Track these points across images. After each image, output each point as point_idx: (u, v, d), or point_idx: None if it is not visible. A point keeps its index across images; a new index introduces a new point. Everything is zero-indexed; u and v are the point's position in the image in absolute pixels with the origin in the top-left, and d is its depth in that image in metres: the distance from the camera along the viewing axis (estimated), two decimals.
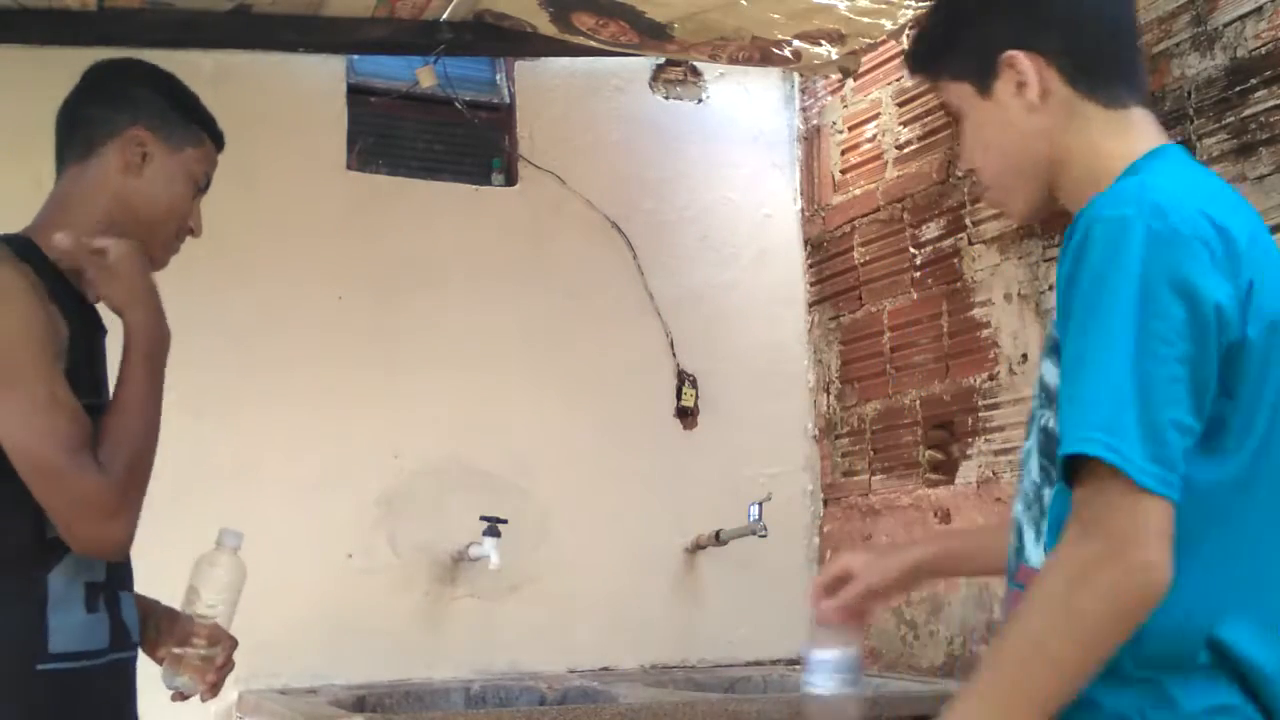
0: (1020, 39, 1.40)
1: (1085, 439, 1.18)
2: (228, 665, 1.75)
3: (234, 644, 1.77)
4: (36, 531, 1.58)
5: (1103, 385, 1.19)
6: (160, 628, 1.78)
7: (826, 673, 1.57)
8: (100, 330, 1.75)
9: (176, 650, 1.72)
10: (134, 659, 1.74)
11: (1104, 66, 1.40)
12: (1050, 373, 1.37)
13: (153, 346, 1.66)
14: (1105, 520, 1.17)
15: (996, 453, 3.20)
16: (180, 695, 1.74)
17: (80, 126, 1.76)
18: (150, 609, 1.81)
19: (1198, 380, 1.21)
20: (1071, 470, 1.21)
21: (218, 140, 1.83)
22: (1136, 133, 1.40)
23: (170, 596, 1.83)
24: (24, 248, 1.66)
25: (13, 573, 1.57)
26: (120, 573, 1.71)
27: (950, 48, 1.47)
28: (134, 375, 1.63)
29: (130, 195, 1.73)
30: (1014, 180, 1.46)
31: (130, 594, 1.74)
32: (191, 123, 1.79)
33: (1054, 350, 1.34)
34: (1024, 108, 1.40)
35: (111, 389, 1.67)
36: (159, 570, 1.85)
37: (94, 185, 1.73)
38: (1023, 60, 1.39)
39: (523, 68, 3.78)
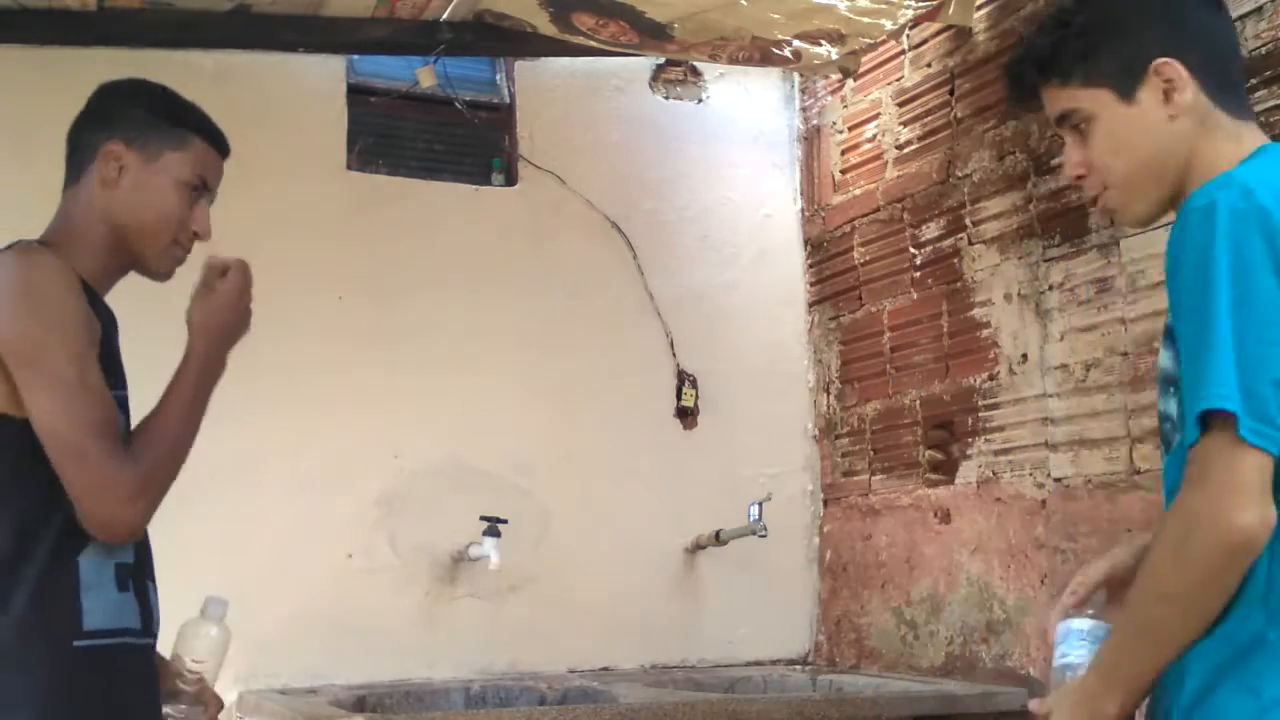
0: (1168, 49, 1.49)
1: (1212, 396, 1.31)
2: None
3: (220, 706, 1.84)
4: (68, 514, 1.62)
5: (1212, 357, 1.31)
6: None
7: (1079, 642, 1.59)
8: (115, 327, 1.80)
9: (167, 709, 1.77)
10: (155, 646, 1.79)
11: (1231, 79, 1.52)
12: (1165, 358, 1.48)
13: (206, 374, 1.76)
14: (1208, 473, 1.31)
15: (996, 453, 3.20)
16: None
17: (74, 152, 1.81)
18: None
19: None
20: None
21: (212, 139, 1.82)
22: (1252, 139, 1.50)
23: (170, 596, 1.84)
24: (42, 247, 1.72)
25: (47, 554, 1.62)
26: (147, 563, 1.77)
27: (1086, 54, 1.53)
28: (182, 390, 1.73)
29: (112, 208, 1.76)
30: (1145, 182, 1.53)
31: (155, 586, 1.79)
32: (174, 126, 1.78)
33: (1169, 337, 1.47)
34: (1165, 114, 1.49)
35: (131, 387, 1.75)
36: (158, 569, 1.85)
37: (84, 205, 1.77)
38: (1176, 68, 1.48)
39: (523, 68, 3.78)
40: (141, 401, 1.80)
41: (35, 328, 1.60)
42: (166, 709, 1.76)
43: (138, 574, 1.72)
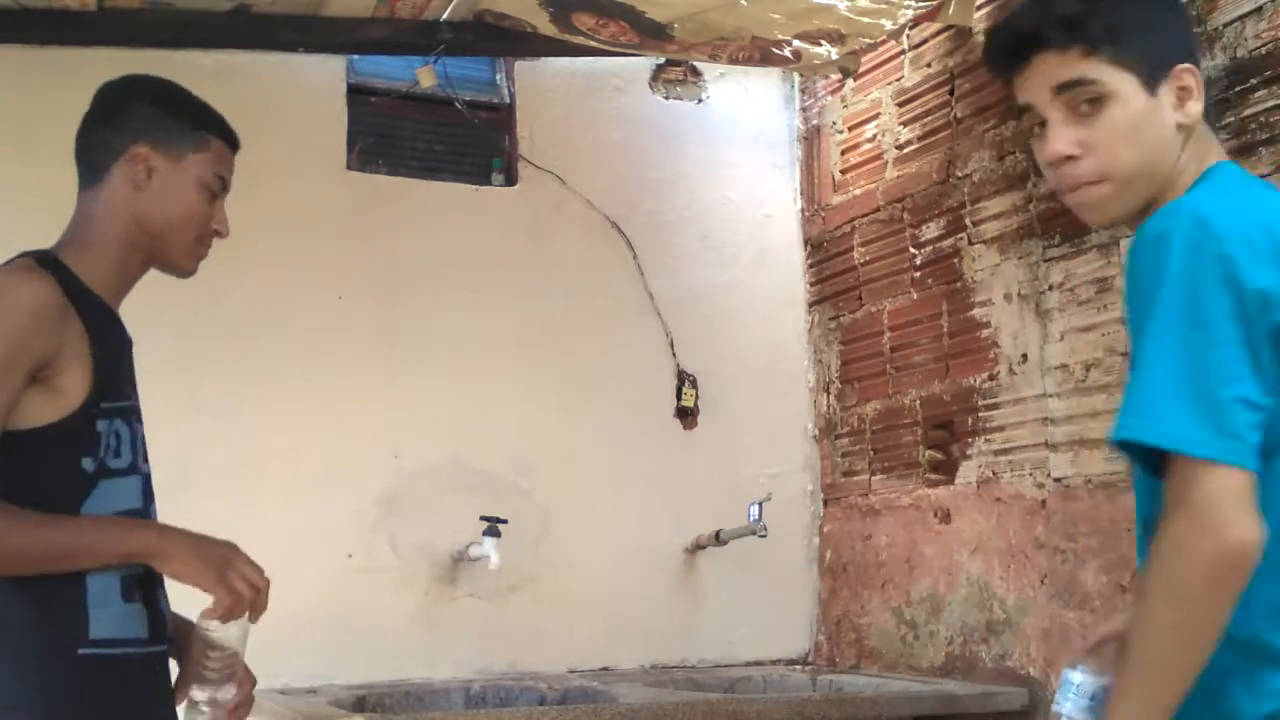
0: (1187, 56, 1.48)
1: (1126, 426, 1.31)
2: (245, 706, 1.79)
3: (254, 682, 1.83)
4: None
5: (1160, 378, 1.31)
6: (181, 656, 1.82)
7: (1071, 693, 1.60)
8: (127, 343, 1.82)
9: (195, 695, 1.75)
10: (168, 654, 1.80)
11: (1209, 93, 1.52)
12: None
13: (113, 556, 1.67)
14: (1186, 496, 1.29)
15: (996, 453, 3.20)
16: None
17: (89, 151, 1.82)
18: (180, 631, 1.85)
19: (1258, 359, 1.30)
20: (1162, 467, 1.33)
21: (227, 139, 1.85)
22: (1214, 152, 1.50)
23: (170, 593, 1.84)
24: (47, 260, 1.72)
25: None
26: (156, 572, 1.76)
27: (1125, 35, 1.46)
28: (77, 532, 1.65)
29: (142, 211, 1.78)
30: (1137, 181, 1.48)
31: (164, 590, 1.80)
32: (193, 128, 1.81)
33: None
34: (1175, 118, 1.47)
35: (137, 400, 1.76)
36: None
37: (107, 207, 1.78)
38: (1197, 77, 1.48)
39: (523, 68, 3.78)
40: (141, 404, 1.80)
41: None
42: (194, 690, 1.75)
43: (146, 583, 1.73)
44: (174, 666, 1.84)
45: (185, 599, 1.90)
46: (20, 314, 1.62)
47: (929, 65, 3.52)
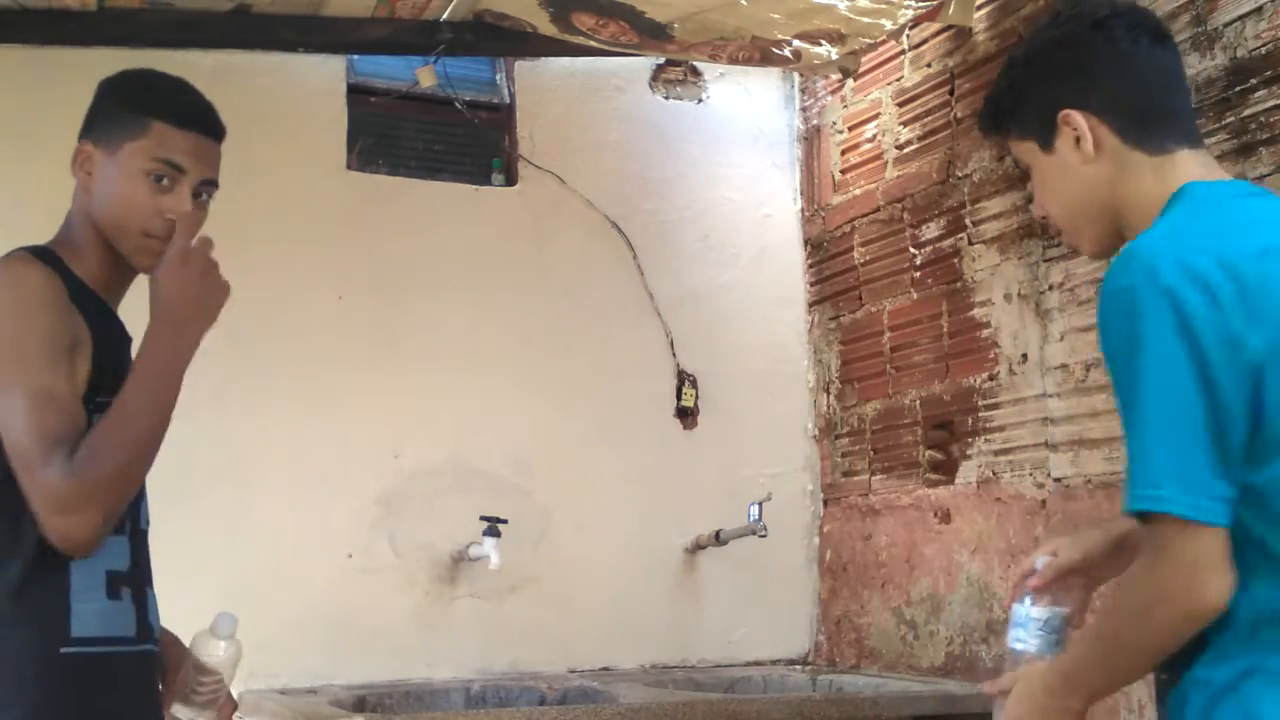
0: (1075, 100, 1.56)
1: (1135, 497, 1.38)
2: None
3: (234, 707, 1.83)
4: None
5: (1143, 443, 1.38)
6: (166, 678, 1.82)
7: (1037, 630, 1.65)
8: (126, 340, 1.79)
9: (178, 714, 1.75)
10: (158, 655, 1.78)
11: (1148, 119, 1.56)
12: None
13: (174, 359, 1.64)
14: (1168, 550, 1.36)
15: (996, 453, 3.20)
16: None
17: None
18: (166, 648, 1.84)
19: (1227, 413, 1.35)
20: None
21: (174, 118, 1.73)
22: (1178, 173, 1.53)
23: (170, 596, 1.83)
24: (46, 255, 1.70)
25: (35, 559, 1.59)
26: (144, 569, 1.75)
27: (1014, 110, 1.64)
28: (142, 381, 1.61)
29: (91, 210, 1.74)
30: (1080, 224, 1.62)
31: (153, 590, 1.77)
32: (131, 114, 1.72)
33: None
34: (1081, 160, 1.57)
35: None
36: (158, 569, 1.85)
37: (75, 208, 1.77)
38: (1077, 118, 1.56)
39: (523, 68, 3.78)
40: None
41: None
42: (177, 708, 1.75)
43: (134, 580, 1.71)
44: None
45: (178, 600, 1.91)
46: (44, 292, 1.62)
47: (929, 65, 3.52)
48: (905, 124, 3.60)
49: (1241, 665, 1.38)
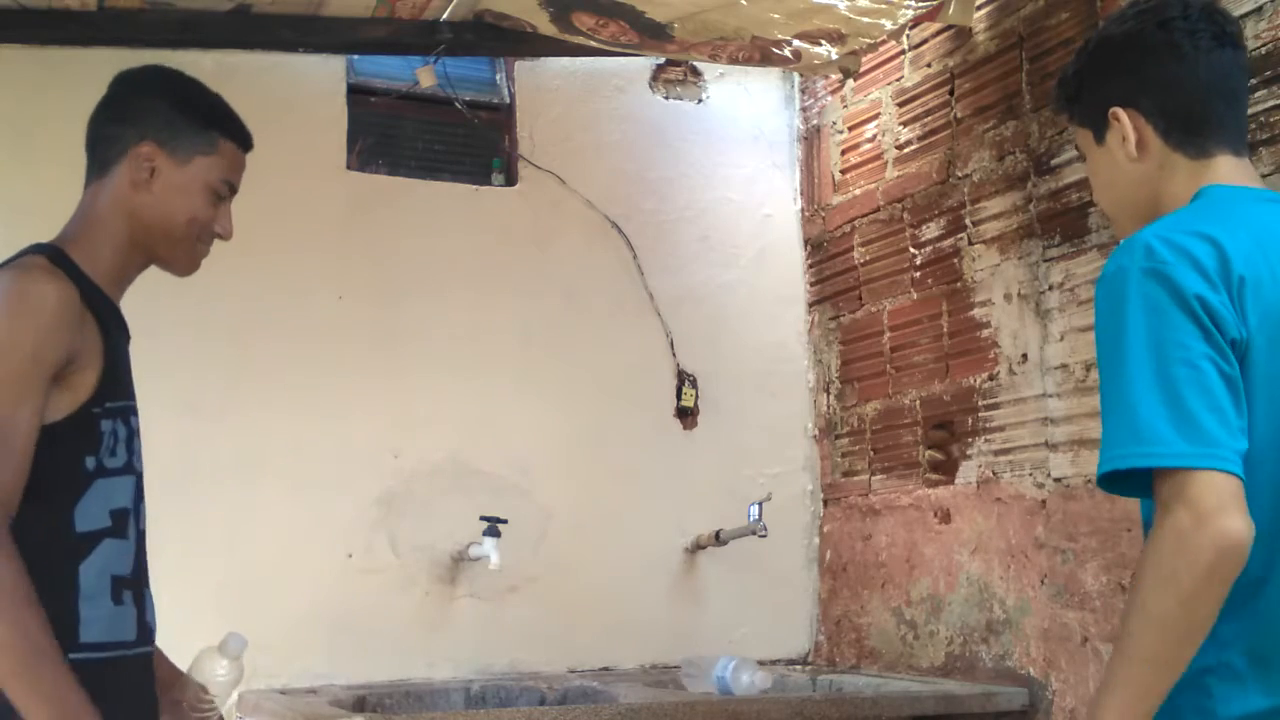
0: (1126, 98, 1.62)
1: (1118, 457, 1.38)
2: None
3: None
4: (67, 524, 1.62)
5: (1132, 404, 1.38)
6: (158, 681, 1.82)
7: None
8: (125, 335, 1.79)
9: None
10: (153, 653, 1.79)
11: (1194, 123, 1.59)
12: None
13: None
14: (1181, 495, 1.33)
15: (996, 453, 3.20)
16: None
17: (97, 145, 1.79)
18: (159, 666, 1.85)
19: (1225, 371, 1.37)
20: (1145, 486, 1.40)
21: (240, 140, 1.82)
22: (1210, 177, 1.58)
23: (170, 596, 1.84)
24: (56, 256, 1.70)
25: (45, 564, 1.59)
26: (144, 573, 1.76)
27: (1078, 98, 1.69)
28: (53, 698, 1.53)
29: (142, 211, 1.75)
30: (1123, 218, 1.67)
31: (150, 591, 1.78)
32: (203, 128, 1.77)
33: None
34: (1127, 157, 1.62)
35: (134, 397, 1.74)
36: (158, 569, 1.85)
37: (110, 203, 1.76)
38: (1125, 116, 1.61)
39: (523, 68, 3.78)
40: (140, 404, 1.80)
41: None
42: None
43: (135, 584, 1.71)
44: None
45: (179, 600, 1.91)
46: (45, 316, 1.60)
47: (929, 65, 3.52)
48: (905, 124, 3.60)
49: (1200, 662, 1.37)
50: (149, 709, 1.76)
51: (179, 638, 1.94)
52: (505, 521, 3.32)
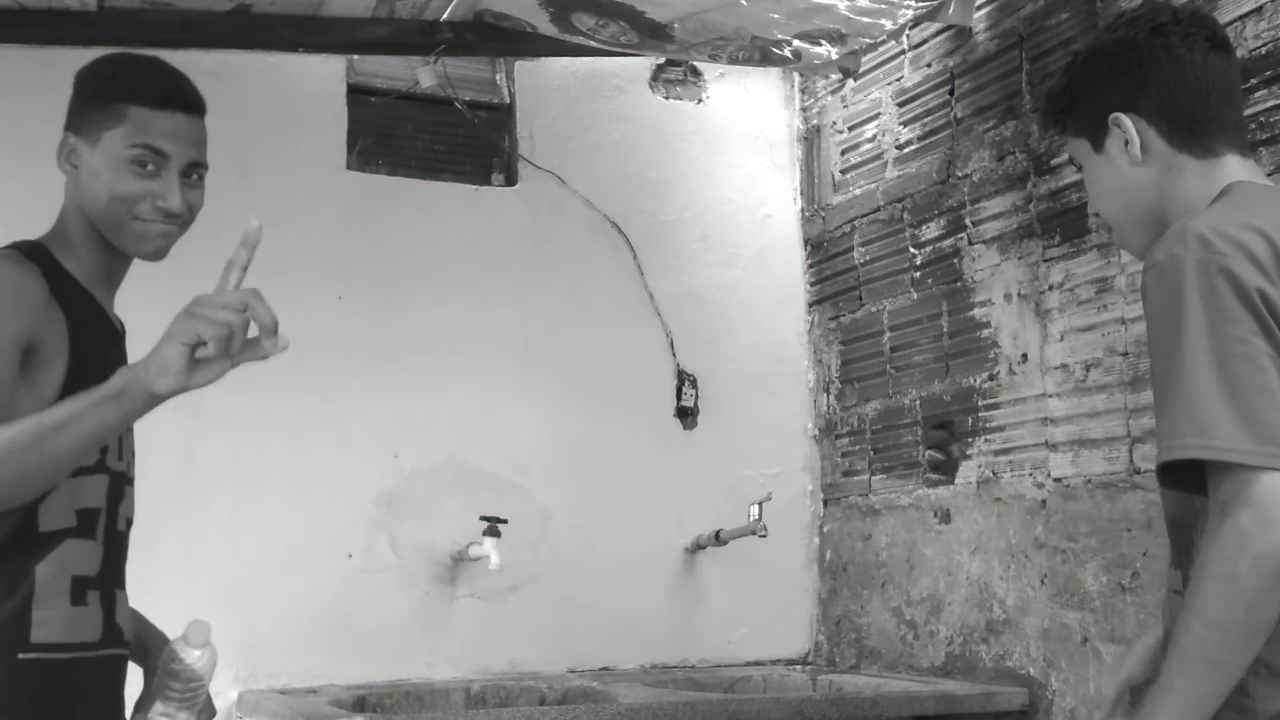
0: (1125, 103, 1.61)
1: (1180, 446, 1.36)
2: None
3: (212, 714, 1.83)
4: (26, 522, 1.59)
5: (1194, 396, 1.36)
6: (145, 664, 1.81)
7: None
8: (117, 335, 1.77)
9: (157, 713, 1.75)
10: (125, 658, 1.76)
11: (1197, 124, 1.59)
12: None
13: (123, 408, 1.52)
14: (1244, 496, 1.32)
15: (996, 453, 3.20)
16: None
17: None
18: (146, 636, 1.83)
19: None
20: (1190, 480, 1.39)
21: (150, 99, 1.69)
22: (1222, 176, 1.57)
23: (170, 597, 1.83)
24: (34, 251, 1.68)
25: (4, 563, 1.58)
26: (115, 572, 1.73)
27: (1071, 109, 1.68)
28: (75, 407, 1.48)
29: (80, 202, 1.72)
30: (1128, 225, 1.66)
31: (124, 593, 1.75)
32: (109, 103, 1.69)
33: None
34: (1129, 162, 1.61)
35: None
36: (158, 569, 1.85)
37: (67, 200, 1.75)
38: (1126, 121, 1.60)
39: (523, 68, 3.78)
40: None
41: None
42: (157, 707, 1.74)
43: (103, 583, 1.68)
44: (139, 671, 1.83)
45: (179, 600, 1.91)
46: (11, 291, 1.57)
47: (929, 65, 3.52)
48: (905, 124, 3.60)
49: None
50: (113, 710, 1.73)
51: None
52: (505, 521, 3.32)
